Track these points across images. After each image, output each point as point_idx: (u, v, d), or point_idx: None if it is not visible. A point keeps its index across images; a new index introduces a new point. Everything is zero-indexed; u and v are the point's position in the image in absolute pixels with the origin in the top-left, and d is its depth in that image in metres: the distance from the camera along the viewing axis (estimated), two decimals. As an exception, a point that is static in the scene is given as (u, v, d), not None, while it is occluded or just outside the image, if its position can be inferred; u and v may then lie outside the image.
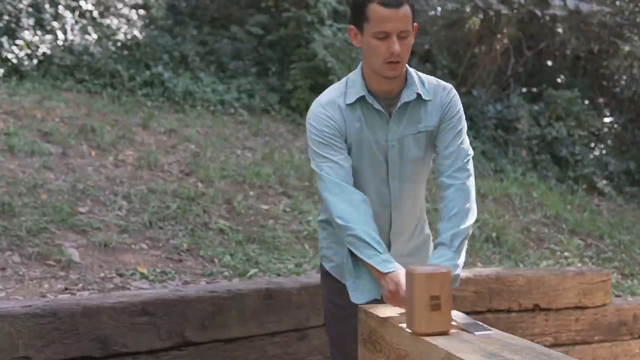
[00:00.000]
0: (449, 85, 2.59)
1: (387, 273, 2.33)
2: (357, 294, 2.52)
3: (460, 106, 2.58)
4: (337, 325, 2.71)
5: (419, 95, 2.49)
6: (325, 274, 2.73)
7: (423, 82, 2.54)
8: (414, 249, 2.68)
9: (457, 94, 2.58)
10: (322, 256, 2.75)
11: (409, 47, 2.40)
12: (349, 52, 8.51)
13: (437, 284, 2.09)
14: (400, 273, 2.31)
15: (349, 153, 2.50)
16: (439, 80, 2.60)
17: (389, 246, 2.58)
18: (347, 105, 2.48)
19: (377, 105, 2.47)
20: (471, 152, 2.60)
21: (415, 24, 2.42)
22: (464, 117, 2.60)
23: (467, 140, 2.59)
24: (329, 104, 2.49)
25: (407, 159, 2.54)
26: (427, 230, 2.78)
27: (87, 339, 2.97)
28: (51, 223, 4.42)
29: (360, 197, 2.44)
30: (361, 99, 2.47)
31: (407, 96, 2.49)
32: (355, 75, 2.53)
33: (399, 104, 2.48)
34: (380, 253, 2.37)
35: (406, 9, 2.35)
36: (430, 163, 2.65)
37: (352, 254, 2.47)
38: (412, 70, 2.53)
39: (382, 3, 2.32)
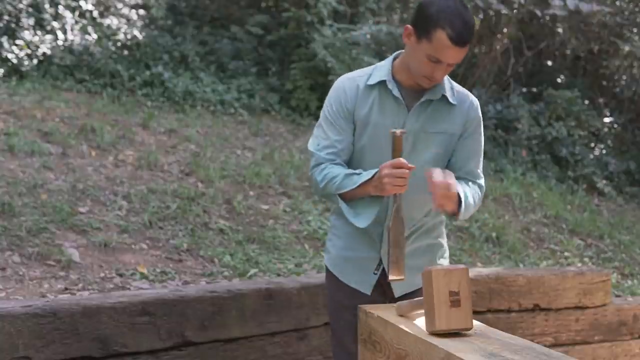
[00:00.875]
0: (476, 100, 2.60)
1: (374, 175, 2.36)
2: (360, 219, 2.50)
3: (482, 126, 2.59)
4: (335, 317, 2.75)
5: (444, 96, 2.49)
6: (326, 267, 2.77)
7: (452, 86, 2.55)
8: (415, 248, 2.61)
9: (480, 111, 2.59)
10: (325, 249, 2.79)
11: (450, 70, 2.43)
12: (349, 52, 8.51)
13: (455, 280, 2.09)
14: (383, 165, 2.34)
15: (355, 133, 2.52)
16: (467, 91, 2.61)
17: (380, 235, 2.56)
18: (367, 85, 2.50)
19: (396, 93, 2.48)
20: (483, 179, 2.60)
21: None
22: (483, 137, 2.60)
23: (481, 164, 2.60)
24: (350, 80, 2.54)
25: (419, 153, 2.50)
26: (440, 240, 2.71)
27: (87, 339, 2.97)
28: (51, 223, 4.42)
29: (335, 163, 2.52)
30: (382, 82, 2.49)
31: (432, 94, 2.49)
32: (385, 62, 2.55)
33: (422, 99, 2.48)
34: (360, 174, 2.42)
35: (468, 45, 2.37)
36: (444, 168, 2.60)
37: (343, 201, 2.51)
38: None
39: (452, 38, 2.32)
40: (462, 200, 2.39)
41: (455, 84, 2.57)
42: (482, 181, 2.61)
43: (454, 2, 2.36)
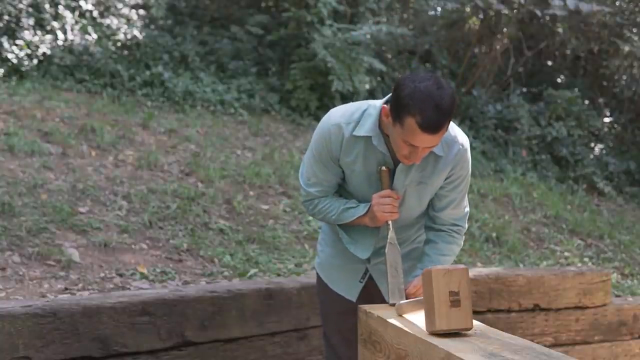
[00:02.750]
0: (466, 141, 2.52)
1: (368, 209, 2.46)
2: (359, 250, 2.60)
3: (469, 167, 2.56)
4: (324, 319, 2.83)
5: (431, 151, 2.41)
6: (316, 272, 2.85)
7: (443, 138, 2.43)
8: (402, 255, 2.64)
9: (468, 150, 2.53)
10: (317, 253, 2.86)
11: (430, 150, 2.36)
12: (349, 52, 8.51)
13: (455, 280, 2.09)
14: (374, 196, 2.45)
15: (344, 176, 2.56)
16: (458, 132, 2.51)
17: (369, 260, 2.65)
18: (352, 135, 2.44)
19: (382, 149, 2.43)
20: (465, 223, 2.63)
21: None
22: (469, 178, 2.60)
23: (466, 201, 2.62)
24: (336, 126, 2.45)
25: (405, 207, 2.54)
26: (421, 245, 2.76)
27: (87, 339, 2.97)
28: (51, 223, 4.42)
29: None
30: (367, 138, 2.43)
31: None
32: (374, 110, 2.44)
33: (409, 163, 2.40)
34: (356, 207, 2.51)
35: (443, 130, 2.26)
36: (424, 211, 2.64)
37: (342, 230, 2.61)
38: None
39: (421, 126, 2.21)
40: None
41: (446, 135, 2.42)
42: (464, 222, 2.61)
43: (428, 84, 2.21)
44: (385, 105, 2.36)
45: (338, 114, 2.49)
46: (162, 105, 7.75)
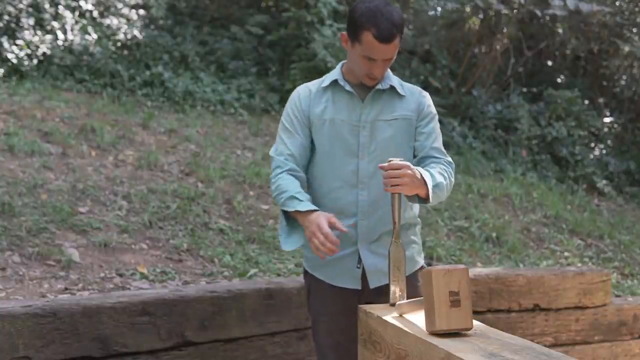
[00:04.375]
0: (424, 91, 2.79)
1: (306, 212, 2.48)
2: (287, 243, 2.64)
3: (434, 108, 2.76)
4: (313, 321, 2.81)
5: (393, 87, 2.68)
6: (304, 272, 2.84)
7: (401, 83, 2.75)
8: (385, 236, 2.65)
9: (429, 96, 2.77)
10: (303, 254, 2.85)
11: (389, 64, 2.62)
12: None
13: (455, 280, 2.09)
14: (322, 215, 2.45)
15: (315, 134, 2.68)
16: (413, 85, 2.81)
17: (355, 229, 2.65)
18: (321, 88, 2.72)
19: (348, 88, 2.67)
20: (452, 162, 2.72)
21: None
22: (437, 119, 2.76)
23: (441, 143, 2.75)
24: (303, 87, 2.79)
25: (379, 141, 2.65)
26: (413, 237, 2.78)
27: (87, 339, 2.97)
28: (51, 223, 4.42)
29: (299, 174, 2.66)
30: (334, 82, 2.70)
31: (381, 85, 2.67)
32: (335, 69, 2.78)
33: (373, 90, 2.67)
34: (303, 201, 2.53)
35: (396, 41, 2.54)
36: (408, 158, 2.65)
37: (284, 216, 2.62)
38: (389, 71, 2.71)
39: (375, 36, 2.51)
40: (428, 182, 2.45)
41: (405, 83, 2.77)
42: (449, 158, 2.73)
43: (377, 2, 2.53)
44: (343, 33, 2.64)
45: (304, 84, 2.83)
46: (162, 105, 7.75)
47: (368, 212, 2.64)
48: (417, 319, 2.27)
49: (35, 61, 7.73)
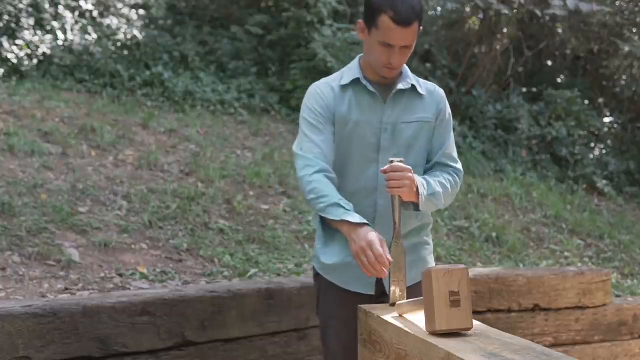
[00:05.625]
0: (441, 89, 2.73)
1: (357, 224, 2.36)
2: (327, 255, 2.58)
3: (449, 109, 2.71)
4: (323, 324, 2.75)
5: (413, 86, 2.62)
6: (316, 274, 2.76)
7: (418, 80, 2.68)
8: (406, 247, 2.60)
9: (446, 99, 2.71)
10: (314, 255, 2.78)
11: (408, 55, 2.53)
12: (349, 52, 8.51)
13: (455, 280, 2.08)
14: (373, 232, 2.32)
15: (337, 133, 2.57)
16: (431, 82, 2.74)
17: None
18: (341, 86, 2.59)
19: (370, 88, 2.58)
20: (459, 163, 2.70)
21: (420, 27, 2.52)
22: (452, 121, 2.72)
23: (455, 148, 2.72)
24: (323, 84, 2.63)
25: (400, 144, 2.59)
26: (426, 238, 2.76)
27: (87, 339, 2.97)
28: (51, 223, 4.42)
29: (332, 176, 2.51)
30: (355, 81, 2.59)
31: (402, 85, 2.60)
32: (352, 64, 2.66)
33: (394, 90, 2.59)
34: (350, 211, 2.41)
35: (415, 26, 2.46)
36: (424, 161, 2.66)
37: (322, 223, 2.55)
38: (406, 67, 2.65)
39: (393, 19, 2.42)
40: (421, 191, 2.45)
41: (421, 80, 2.70)
42: (459, 165, 2.70)
43: None
44: (359, 21, 2.56)
45: (320, 80, 2.68)
46: (162, 105, 7.75)
47: (386, 218, 2.52)
48: (417, 319, 2.26)
49: (35, 61, 7.73)
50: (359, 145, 2.57)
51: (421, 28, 2.51)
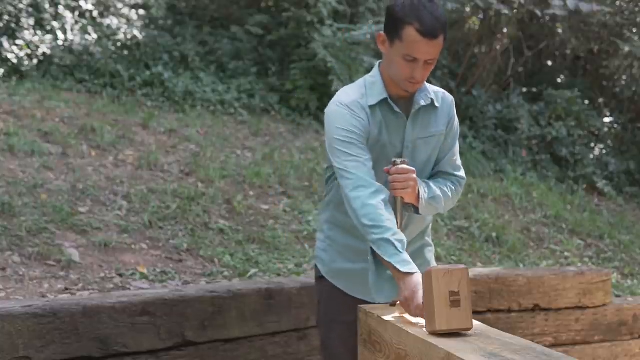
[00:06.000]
0: (451, 96, 2.65)
1: (405, 273, 2.26)
2: (380, 294, 2.46)
3: (457, 119, 2.68)
4: (325, 328, 2.71)
5: (432, 100, 2.54)
6: (319, 277, 2.72)
7: (434, 91, 2.58)
8: (412, 253, 2.57)
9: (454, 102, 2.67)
10: (317, 257, 2.73)
11: (431, 69, 2.43)
12: (349, 52, 8.51)
13: (455, 280, 2.08)
14: (419, 278, 2.23)
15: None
16: (439, 88, 2.66)
17: None
18: (370, 106, 2.47)
19: (396, 109, 2.49)
20: (462, 170, 2.70)
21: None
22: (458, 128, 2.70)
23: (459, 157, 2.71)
24: (354, 104, 2.46)
25: (418, 162, 2.55)
26: (427, 239, 2.77)
27: (87, 339, 2.97)
28: (51, 223, 4.42)
29: (386, 196, 2.40)
30: (383, 101, 2.48)
31: (423, 100, 2.52)
32: (374, 77, 2.53)
33: (416, 107, 2.50)
34: (401, 253, 2.31)
35: (441, 39, 2.36)
36: (432, 167, 2.66)
37: (373, 253, 2.42)
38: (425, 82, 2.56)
39: (420, 31, 2.32)
40: (422, 194, 2.44)
41: (432, 87, 2.59)
42: (462, 173, 2.68)
43: None
44: (380, 33, 2.44)
45: (343, 97, 2.50)
46: (162, 105, 7.75)
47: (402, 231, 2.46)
48: (418, 319, 2.26)
49: (35, 61, 7.72)
50: (381, 165, 2.48)
51: (445, 40, 2.41)
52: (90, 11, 8.65)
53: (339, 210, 2.57)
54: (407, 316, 2.31)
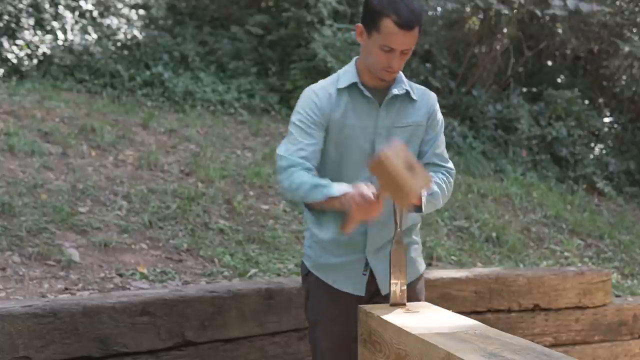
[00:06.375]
0: (433, 92, 2.75)
1: (343, 193, 2.36)
2: (324, 231, 2.60)
3: (439, 111, 2.74)
4: (312, 324, 2.76)
5: (407, 92, 2.63)
6: (305, 275, 2.78)
7: (411, 85, 2.69)
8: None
9: (436, 98, 2.75)
10: (304, 254, 2.79)
11: (406, 59, 2.55)
12: (349, 52, 8.51)
13: (401, 152, 2.23)
14: (358, 185, 2.34)
15: (330, 138, 2.58)
16: (422, 86, 2.77)
17: (365, 236, 2.62)
18: (338, 90, 2.59)
19: (367, 93, 2.59)
20: (450, 162, 2.74)
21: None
22: (442, 121, 2.74)
23: (445, 149, 2.76)
24: (321, 89, 2.61)
25: None
26: (415, 237, 2.79)
27: (87, 339, 2.97)
28: (51, 223, 4.42)
29: (312, 167, 2.52)
30: (352, 85, 2.59)
31: (397, 90, 2.61)
32: (348, 67, 2.66)
33: (389, 95, 2.60)
34: (329, 185, 2.42)
35: (416, 31, 2.47)
36: None
37: (310, 210, 2.58)
38: (401, 72, 2.65)
39: (396, 22, 2.43)
40: (423, 194, 2.47)
41: (414, 84, 2.71)
42: (450, 164, 2.74)
43: None
44: (358, 24, 2.55)
45: (316, 84, 2.66)
46: (162, 105, 7.75)
47: (380, 222, 2.54)
48: (418, 319, 2.27)
49: (35, 61, 7.73)
50: (353, 150, 2.58)
51: (420, 31, 2.54)
52: (90, 11, 8.65)
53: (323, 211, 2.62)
54: (407, 316, 2.31)
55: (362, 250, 2.64)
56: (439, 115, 2.72)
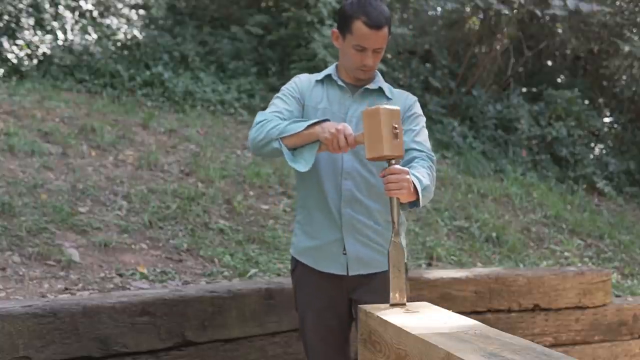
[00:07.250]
0: (414, 96, 2.90)
1: (320, 121, 2.55)
2: (300, 164, 2.66)
3: (421, 112, 2.85)
4: (300, 318, 2.90)
5: (380, 88, 2.82)
6: (292, 270, 2.96)
7: (391, 88, 2.86)
8: (366, 229, 2.76)
9: (417, 102, 2.87)
10: (292, 244, 2.96)
11: (380, 57, 2.76)
12: (349, 52, 8.51)
13: (395, 117, 2.40)
14: (333, 121, 2.57)
15: (303, 116, 2.77)
16: (404, 91, 2.94)
17: (339, 214, 2.75)
18: (316, 81, 2.84)
19: (340, 82, 2.81)
20: (433, 155, 2.80)
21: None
22: (424, 121, 2.84)
23: (428, 141, 2.83)
24: (304, 76, 2.90)
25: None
26: (400, 239, 2.80)
27: (87, 339, 2.97)
28: (51, 223, 4.42)
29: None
30: (328, 76, 2.84)
31: (370, 85, 2.82)
32: (329, 67, 2.93)
33: (363, 88, 2.81)
34: (305, 120, 2.62)
35: (385, 30, 2.70)
36: None
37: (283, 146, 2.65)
38: (379, 74, 2.87)
39: (366, 23, 2.66)
40: (418, 187, 2.51)
41: (395, 89, 2.90)
42: (430, 152, 2.79)
43: None
44: (334, 30, 2.80)
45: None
46: (162, 105, 7.75)
47: (351, 202, 2.74)
48: (417, 319, 2.27)
49: (35, 61, 7.73)
50: None
51: (390, 34, 2.74)
52: (90, 11, 8.65)
53: (303, 187, 2.83)
54: (407, 316, 2.31)
55: (340, 231, 2.76)
56: (417, 111, 2.83)
